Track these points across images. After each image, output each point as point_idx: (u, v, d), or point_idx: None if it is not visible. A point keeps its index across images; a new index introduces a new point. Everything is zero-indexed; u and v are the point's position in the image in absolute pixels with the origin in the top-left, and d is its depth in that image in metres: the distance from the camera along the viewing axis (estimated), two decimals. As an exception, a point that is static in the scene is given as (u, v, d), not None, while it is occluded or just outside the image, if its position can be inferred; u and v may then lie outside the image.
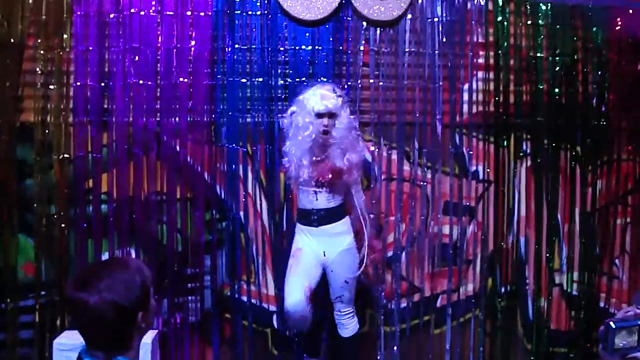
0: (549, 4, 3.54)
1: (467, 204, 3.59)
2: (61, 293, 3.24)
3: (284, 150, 3.09)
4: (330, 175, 2.95)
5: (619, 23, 3.62)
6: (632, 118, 3.70)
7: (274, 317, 3.44)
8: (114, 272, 1.42)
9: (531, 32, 3.56)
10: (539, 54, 3.56)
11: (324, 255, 3.05)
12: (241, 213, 3.40)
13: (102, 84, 3.27)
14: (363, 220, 3.11)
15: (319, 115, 2.91)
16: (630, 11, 3.62)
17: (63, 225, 3.26)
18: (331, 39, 3.40)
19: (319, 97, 2.93)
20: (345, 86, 3.38)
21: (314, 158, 2.99)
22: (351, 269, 3.08)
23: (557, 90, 3.59)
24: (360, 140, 3.16)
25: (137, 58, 3.25)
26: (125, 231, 3.30)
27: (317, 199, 3.00)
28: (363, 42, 3.45)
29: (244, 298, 3.43)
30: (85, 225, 3.27)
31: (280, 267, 3.30)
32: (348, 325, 3.15)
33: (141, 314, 1.42)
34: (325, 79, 3.30)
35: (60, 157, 3.25)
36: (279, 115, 3.31)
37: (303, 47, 3.39)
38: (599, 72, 3.63)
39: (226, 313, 3.41)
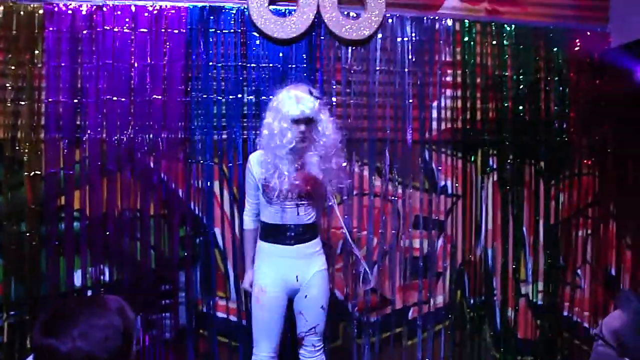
0: (513, 25, 3.69)
1: (437, 218, 3.69)
2: (32, 312, 3.19)
3: (255, 159, 2.81)
4: (308, 187, 2.71)
5: (578, 44, 3.79)
6: (591, 134, 3.86)
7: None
8: (91, 316, 1.23)
9: (496, 52, 3.70)
10: (504, 73, 3.71)
11: (297, 280, 2.76)
12: (216, 229, 3.41)
13: (75, 101, 3.24)
14: (348, 233, 3.02)
15: (296, 122, 2.64)
16: (588, 33, 3.81)
17: (34, 243, 3.20)
18: (304, 57, 3.46)
19: (294, 100, 2.65)
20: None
21: (295, 166, 2.71)
22: (326, 293, 2.85)
23: (521, 107, 3.73)
24: (340, 145, 2.85)
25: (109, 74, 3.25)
26: (98, 249, 3.26)
27: (298, 213, 2.73)
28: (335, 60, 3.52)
29: (219, 314, 3.43)
30: (57, 242, 3.22)
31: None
32: None
33: None
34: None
35: (31, 174, 3.20)
36: (253, 132, 3.33)
37: (276, 65, 3.43)
38: (560, 91, 3.79)
39: (201, 329, 3.41)
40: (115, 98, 3.26)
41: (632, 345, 1.62)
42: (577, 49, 3.79)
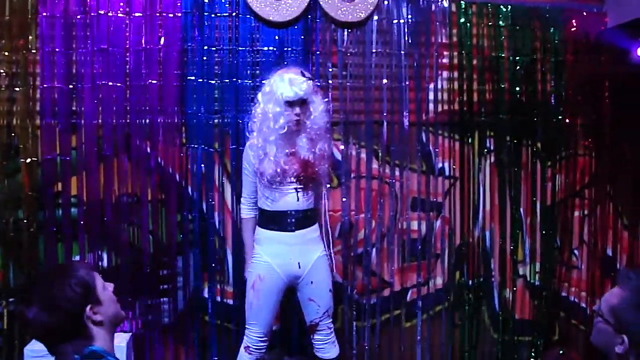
0: (509, 6, 3.68)
1: (434, 200, 3.69)
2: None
3: (249, 144, 2.87)
4: (302, 170, 2.73)
5: (574, 24, 3.78)
6: (587, 115, 3.85)
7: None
8: (46, 288, 1.51)
9: (493, 33, 3.68)
10: (500, 54, 3.69)
11: (299, 267, 2.77)
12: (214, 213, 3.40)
13: (70, 86, 3.23)
14: (324, 224, 2.96)
15: (290, 104, 2.67)
16: (585, 13, 3.79)
17: (31, 229, 3.20)
18: (300, 40, 3.43)
19: (287, 82, 2.67)
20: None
21: (287, 151, 2.74)
22: (330, 276, 2.91)
23: (517, 88, 3.72)
24: (329, 128, 2.99)
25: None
26: (95, 234, 3.26)
27: (298, 199, 2.75)
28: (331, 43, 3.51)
29: (218, 298, 3.43)
30: (54, 229, 3.23)
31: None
32: (335, 342, 2.94)
33: (89, 307, 1.53)
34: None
35: (28, 160, 3.19)
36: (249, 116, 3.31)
37: (272, 48, 3.42)
38: (557, 71, 3.77)
39: (200, 313, 3.41)
40: (110, 83, 3.25)
41: (630, 322, 1.62)
42: (573, 29, 3.77)
